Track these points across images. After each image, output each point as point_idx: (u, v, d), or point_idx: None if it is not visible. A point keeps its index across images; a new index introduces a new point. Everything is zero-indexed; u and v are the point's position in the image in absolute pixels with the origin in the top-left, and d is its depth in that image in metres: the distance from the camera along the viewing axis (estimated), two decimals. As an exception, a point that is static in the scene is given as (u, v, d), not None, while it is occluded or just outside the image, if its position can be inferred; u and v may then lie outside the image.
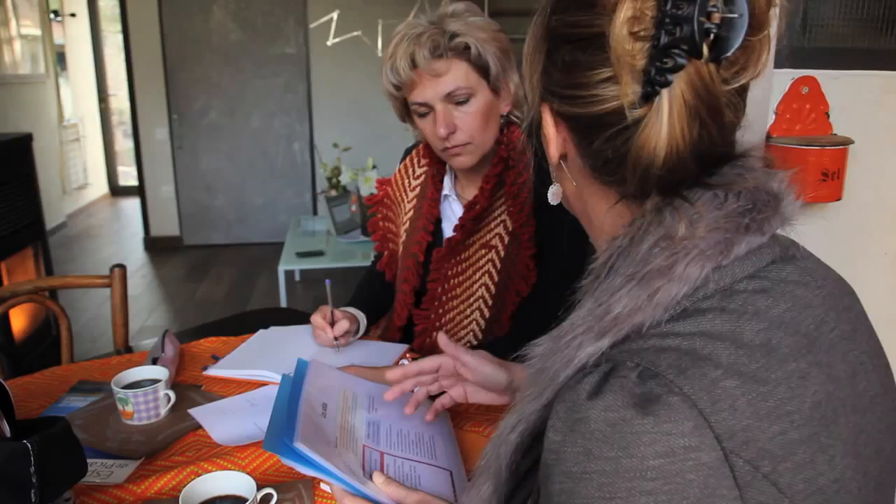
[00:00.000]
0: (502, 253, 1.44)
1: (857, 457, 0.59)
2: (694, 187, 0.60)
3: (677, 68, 0.54)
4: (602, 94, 0.58)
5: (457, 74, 1.33)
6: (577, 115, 0.62)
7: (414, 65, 1.33)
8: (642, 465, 0.51)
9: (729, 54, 0.54)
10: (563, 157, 0.68)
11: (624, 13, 0.54)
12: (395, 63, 1.34)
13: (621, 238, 0.61)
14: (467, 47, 1.32)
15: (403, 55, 1.32)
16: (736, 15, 0.53)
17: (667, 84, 0.54)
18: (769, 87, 1.52)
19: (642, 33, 0.54)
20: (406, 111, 1.45)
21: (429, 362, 1.13)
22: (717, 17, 0.53)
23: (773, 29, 0.57)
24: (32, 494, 0.79)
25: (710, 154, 0.59)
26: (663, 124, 0.55)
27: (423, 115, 1.38)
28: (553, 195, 0.75)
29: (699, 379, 0.53)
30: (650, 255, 0.58)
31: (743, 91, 0.59)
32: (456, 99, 1.34)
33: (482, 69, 1.35)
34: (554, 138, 0.67)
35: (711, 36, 0.53)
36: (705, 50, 0.53)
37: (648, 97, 0.55)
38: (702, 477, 0.51)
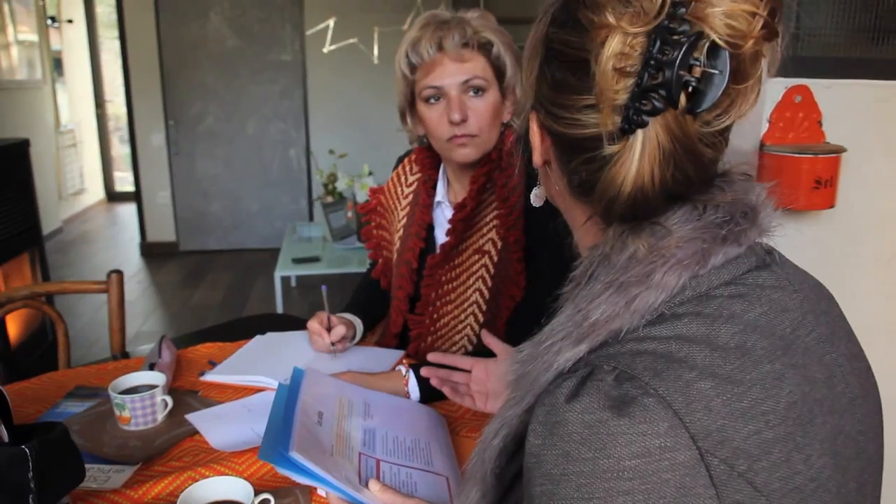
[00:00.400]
0: (495, 258, 1.44)
1: (834, 456, 0.60)
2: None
3: (655, 112, 0.54)
4: (583, 119, 0.59)
5: (477, 65, 1.37)
6: (559, 133, 0.63)
7: (440, 48, 1.35)
8: (619, 465, 0.52)
9: (704, 108, 0.55)
10: (547, 163, 0.70)
11: (612, 48, 0.54)
12: (420, 44, 1.37)
13: (602, 245, 0.63)
14: (491, 44, 1.37)
15: (431, 37, 1.35)
16: (716, 72, 0.54)
17: (643, 125, 0.55)
18: (762, 95, 1.53)
19: (628, 69, 0.54)
20: (410, 100, 1.46)
21: (463, 360, 1.27)
22: (697, 71, 0.53)
23: (764, 75, 0.57)
24: (31, 500, 0.79)
25: (684, 189, 0.60)
26: (633, 163, 0.56)
27: (432, 102, 1.40)
28: (536, 197, 0.77)
29: (674, 381, 0.54)
30: (629, 264, 0.60)
31: (726, 129, 0.60)
32: (471, 87, 1.37)
33: (498, 70, 1.39)
34: (538, 147, 0.69)
35: (690, 88, 0.54)
36: (683, 100, 0.54)
37: (625, 132, 0.56)
38: (678, 476, 0.52)
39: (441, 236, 1.52)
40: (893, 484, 0.96)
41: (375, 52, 4.54)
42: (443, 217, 1.54)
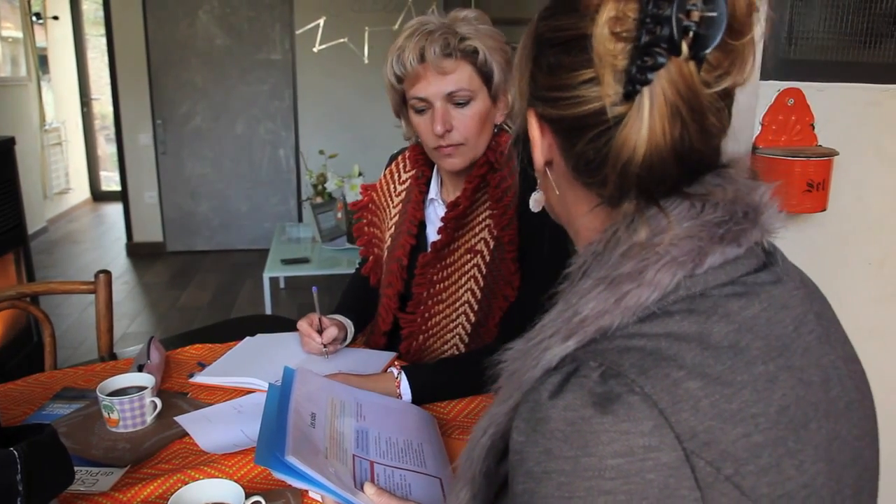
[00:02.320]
0: (488, 258, 1.44)
1: (829, 462, 0.59)
2: (672, 195, 0.60)
3: (657, 66, 0.54)
4: (584, 94, 0.59)
5: (462, 75, 1.35)
6: (560, 117, 0.62)
7: (422, 59, 1.34)
8: (601, 464, 0.51)
9: (708, 52, 0.55)
10: (549, 163, 0.69)
11: (606, 14, 0.55)
12: (403, 55, 1.35)
13: (596, 243, 0.62)
14: (476, 51, 1.35)
15: (413, 48, 1.34)
16: (714, 14, 0.53)
17: (647, 82, 0.55)
18: (755, 98, 1.53)
19: (624, 34, 0.55)
20: (402, 105, 1.45)
21: None
22: (696, 16, 0.53)
23: (757, 36, 0.58)
24: (19, 502, 0.77)
25: (690, 156, 0.58)
26: (644, 121, 0.56)
27: (420, 112, 1.39)
28: (535, 202, 0.76)
29: (661, 379, 0.53)
30: (622, 260, 0.59)
31: (727, 96, 0.60)
32: (456, 99, 1.36)
33: (486, 75, 1.37)
34: (539, 143, 0.68)
35: (690, 34, 0.53)
36: (685, 48, 0.54)
37: (630, 96, 0.56)
38: (662, 477, 0.51)
39: (433, 234, 1.51)
40: (887, 490, 0.96)
41: (366, 51, 4.51)
42: (435, 215, 1.53)
